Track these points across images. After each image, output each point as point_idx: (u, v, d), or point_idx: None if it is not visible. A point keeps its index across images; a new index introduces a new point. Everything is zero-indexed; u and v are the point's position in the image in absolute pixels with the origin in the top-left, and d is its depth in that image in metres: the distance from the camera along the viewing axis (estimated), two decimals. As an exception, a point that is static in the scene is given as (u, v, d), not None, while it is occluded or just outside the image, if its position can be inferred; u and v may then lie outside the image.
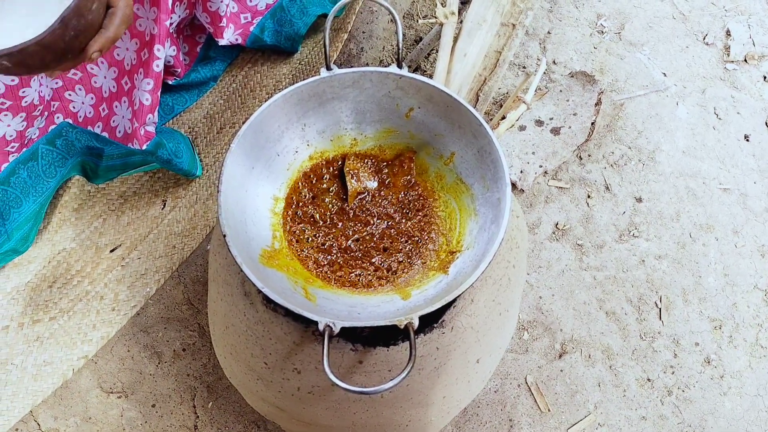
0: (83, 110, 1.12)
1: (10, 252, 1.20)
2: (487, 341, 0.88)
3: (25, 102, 1.04)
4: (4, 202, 1.13)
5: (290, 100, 0.87)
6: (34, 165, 1.14)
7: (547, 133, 1.39)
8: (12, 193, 1.13)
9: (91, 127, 1.13)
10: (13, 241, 1.19)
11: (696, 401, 1.20)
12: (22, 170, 1.12)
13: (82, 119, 1.12)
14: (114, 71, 1.13)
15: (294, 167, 0.92)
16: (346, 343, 0.79)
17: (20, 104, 1.03)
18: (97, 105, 1.13)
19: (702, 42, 1.61)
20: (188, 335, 1.22)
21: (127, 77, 1.16)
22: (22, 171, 1.12)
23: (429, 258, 0.87)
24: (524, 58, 1.54)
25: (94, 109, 1.13)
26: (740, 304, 1.29)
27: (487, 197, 0.84)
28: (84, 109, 1.12)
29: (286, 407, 0.87)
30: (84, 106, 1.12)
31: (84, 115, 1.12)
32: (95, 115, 1.14)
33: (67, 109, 1.10)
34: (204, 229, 1.31)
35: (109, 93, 1.14)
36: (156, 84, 1.17)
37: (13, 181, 1.12)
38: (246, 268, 0.73)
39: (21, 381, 1.16)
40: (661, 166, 1.43)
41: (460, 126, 0.87)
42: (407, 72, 0.88)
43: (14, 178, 1.11)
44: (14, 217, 1.16)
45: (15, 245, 1.20)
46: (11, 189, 1.12)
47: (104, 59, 1.12)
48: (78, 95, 1.10)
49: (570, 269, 1.31)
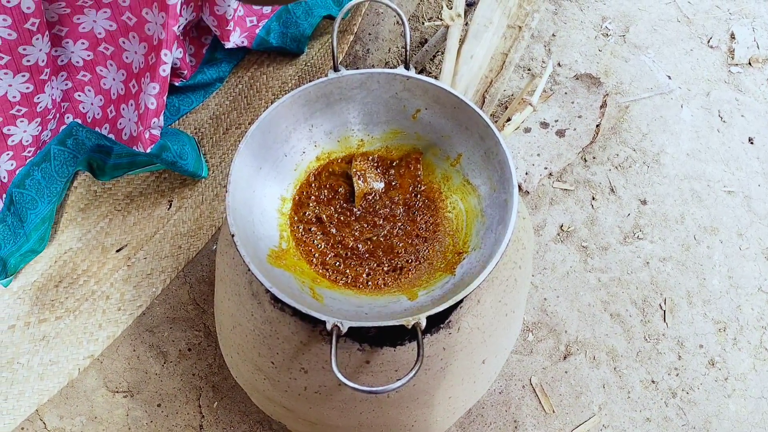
0: (92, 111, 1.13)
1: (29, 253, 1.22)
2: (493, 342, 0.89)
3: (40, 108, 1.05)
4: (21, 205, 1.14)
5: (298, 101, 0.88)
6: (47, 166, 1.15)
7: (552, 135, 1.39)
8: (28, 195, 1.14)
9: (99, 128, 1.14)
10: (31, 241, 1.21)
11: (700, 403, 1.20)
12: (36, 172, 1.13)
13: (91, 120, 1.13)
14: (122, 74, 1.14)
15: (301, 168, 0.92)
16: (354, 343, 0.80)
17: (35, 110, 1.04)
18: (105, 107, 1.14)
19: (706, 45, 1.61)
20: (194, 335, 1.22)
21: (134, 80, 1.17)
22: (36, 173, 1.13)
23: (436, 259, 0.87)
24: (529, 60, 1.55)
25: (102, 110, 1.14)
26: (744, 307, 1.29)
27: (494, 198, 0.85)
28: (93, 111, 1.13)
29: (293, 407, 0.88)
30: (93, 107, 1.13)
31: (93, 116, 1.13)
32: (103, 117, 1.14)
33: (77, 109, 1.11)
34: (210, 230, 1.31)
35: (117, 95, 1.15)
36: (162, 88, 1.18)
37: (28, 183, 1.13)
38: (254, 267, 0.73)
39: (27, 380, 1.16)
40: (665, 169, 1.43)
41: (467, 127, 0.88)
42: (414, 73, 0.89)
43: (29, 180, 1.13)
44: (31, 219, 1.17)
45: (33, 246, 1.22)
46: (26, 191, 1.13)
47: (113, 61, 1.12)
48: (87, 96, 1.11)
49: (575, 271, 1.31)
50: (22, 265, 1.24)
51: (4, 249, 1.16)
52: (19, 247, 1.19)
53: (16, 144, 1.07)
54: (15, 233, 1.16)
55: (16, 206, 1.15)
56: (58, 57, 1.05)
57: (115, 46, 1.18)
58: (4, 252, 1.17)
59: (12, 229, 1.15)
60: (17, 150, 1.08)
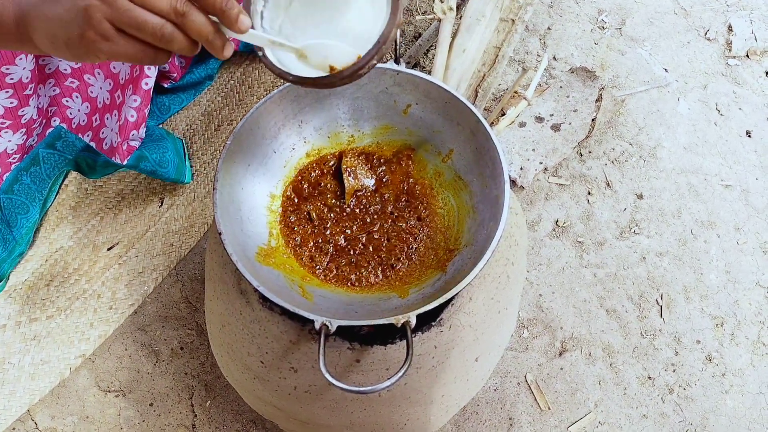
0: (78, 117, 1.12)
1: (17, 256, 1.22)
2: (486, 339, 0.88)
3: (24, 120, 1.04)
4: (10, 210, 1.14)
5: (287, 96, 0.87)
6: (37, 170, 1.14)
7: (547, 130, 1.38)
8: (17, 200, 1.13)
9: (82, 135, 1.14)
10: (23, 245, 1.21)
11: (697, 399, 1.19)
12: (24, 177, 1.12)
13: (76, 126, 1.12)
14: (109, 83, 1.14)
15: (291, 164, 0.91)
16: (343, 341, 0.79)
17: (20, 122, 1.04)
18: (90, 114, 1.13)
19: (704, 37, 1.60)
20: (186, 334, 1.21)
21: (119, 91, 1.17)
22: (25, 177, 1.12)
23: (427, 256, 0.86)
24: (524, 54, 1.53)
25: (87, 117, 1.13)
26: (742, 302, 1.28)
27: (485, 194, 0.84)
28: (79, 117, 1.12)
29: (283, 406, 0.87)
30: (79, 114, 1.12)
31: (78, 122, 1.12)
32: (87, 124, 1.14)
33: (64, 114, 1.10)
34: (202, 227, 1.30)
35: (104, 104, 1.15)
36: (143, 101, 1.19)
37: (16, 188, 1.12)
38: (242, 266, 0.72)
39: (18, 380, 1.15)
40: (662, 163, 1.42)
41: (459, 122, 0.87)
42: (405, 68, 0.87)
43: (18, 186, 1.12)
44: (22, 223, 1.17)
45: (23, 248, 1.22)
46: (16, 196, 1.13)
47: (101, 70, 1.11)
48: (75, 102, 1.10)
49: (570, 267, 1.30)
50: (12, 267, 1.23)
51: None
52: (10, 252, 1.18)
53: (0, 153, 1.06)
54: (4, 239, 1.15)
55: (4, 212, 1.15)
56: (45, 66, 1.04)
57: None
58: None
59: (2, 235, 1.15)
60: (1, 158, 1.07)
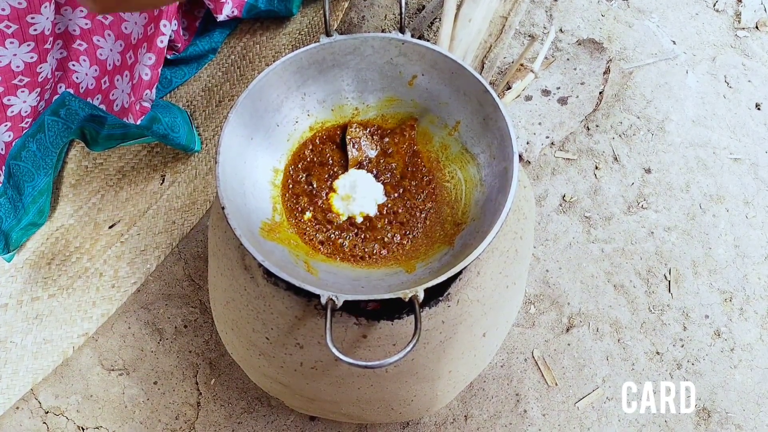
0: (86, 81, 1.11)
1: (29, 226, 1.20)
2: (494, 315, 0.86)
3: (41, 77, 1.03)
4: (18, 177, 1.13)
5: (289, 67, 0.84)
6: (42, 137, 1.13)
7: (554, 103, 1.35)
8: (24, 167, 1.13)
9: (91, 98, 1.13)
10: (30, 215, 1.19)
11: (706, 374, 1.18)
12: (31, 143, 1.12)
13: (84, 90, 1.11)
14: (120, 44, 1.12)
15: (294, 138, 0.89)
16: (350, 317, 0.77)
17: (37, 80, 1.03)
18: (99, 77, 1.12)
19: (712, 9, 1.56)
20: (189, 311, 1.20)
21: (131, 51, 1.15)
22: (31, 144, 1.12)
23: (434, 230, 0.84)
24: (530, 26, 1.50)
25: (96, 81, 1.12)
26: (751, 276, 1.26)
27: (493, 167, 0.82)
28: (87, 81, 1.11)
29: (289, 383, 0.86)
30: (87, 77, 1.10)
31: (86, 86, 1.11)
32: (96, 87, 1.13)
33: (70, 79, 1.09)
34: (204, 204, 1.28)
35: (113, 66, 1.13)
36: (158, 59, 1.16)
37: (24, 155, 1.12)
38: (246, 241, 0.71)
39: (21, 359, 1.15)
40: (670, 136, 1.40)
41: (465, 93, 0.84)
42: (410, 37, 0.85)
43: (25, 153, 1.11)
44: (29, 191, 1.16)
45: (33, 218, 1.20)
46: (23, 163, 1.12)
47: (111, 31, 1.10)
48: (82, 66, 1.09)
49: (577, 242, 1.29)
50: (24, 239, 1.22)
51: (6, 223, 1.14)
52: (19, 220, 1.17)
53: (15, 115, 1.06)
54: (15, 206, 1.14)
55: (14, 178, 1.14)
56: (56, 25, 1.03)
57: (115, 15, 1.15)
58: (6, 226, 1.15)
59: (12, 202, 1.14)
60: (15, 121, 1.07)
